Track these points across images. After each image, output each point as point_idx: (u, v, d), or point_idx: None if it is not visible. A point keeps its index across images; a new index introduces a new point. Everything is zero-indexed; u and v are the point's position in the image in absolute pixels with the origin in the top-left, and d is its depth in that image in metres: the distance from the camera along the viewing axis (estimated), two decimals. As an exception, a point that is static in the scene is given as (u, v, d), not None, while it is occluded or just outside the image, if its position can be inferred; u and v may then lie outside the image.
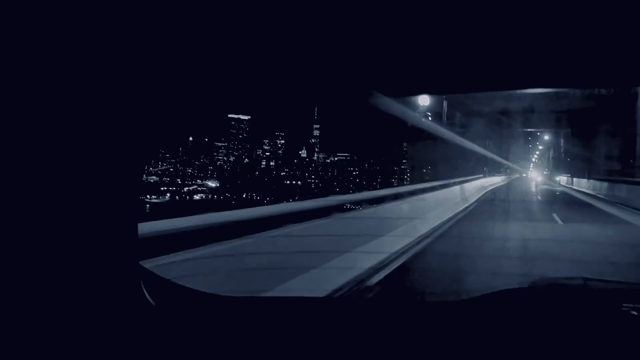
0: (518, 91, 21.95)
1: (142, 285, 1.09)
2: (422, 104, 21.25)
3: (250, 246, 4.43)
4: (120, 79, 1.03)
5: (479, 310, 1.33)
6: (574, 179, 26.68)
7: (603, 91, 20.45)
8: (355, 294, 5.22)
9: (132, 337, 1.03)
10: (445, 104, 23.13)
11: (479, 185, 20.52)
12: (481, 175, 23.31)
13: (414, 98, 18.53)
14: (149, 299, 1.09)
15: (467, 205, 14.53)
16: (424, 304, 1.72)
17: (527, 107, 23.41)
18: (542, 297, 1.42)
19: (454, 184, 14.96)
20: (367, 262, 6.07)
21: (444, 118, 23.37)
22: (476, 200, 16.51)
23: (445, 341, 1.13)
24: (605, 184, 18.84)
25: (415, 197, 9.63)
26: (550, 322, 1.21)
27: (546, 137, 39.93)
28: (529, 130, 34.70)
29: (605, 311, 1.29)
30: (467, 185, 17.09)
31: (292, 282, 4.75)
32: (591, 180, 21.40)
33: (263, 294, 3.89)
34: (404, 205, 8.70)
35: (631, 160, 18.44)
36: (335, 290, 5.43)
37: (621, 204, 14.30)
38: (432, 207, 10.67)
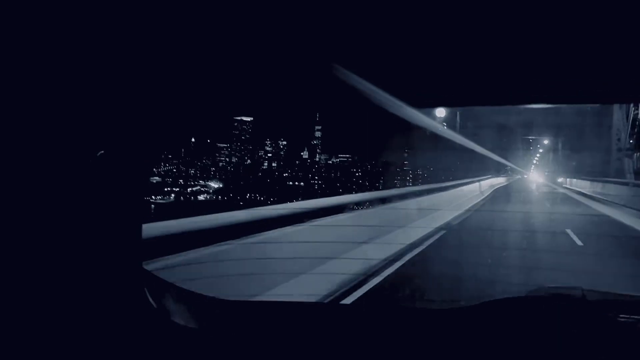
0: (522, 106, 27.92)
1: (145, 288, 1.13)
2: (439, 115, 26.83)
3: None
4: (124, 81, 1.07)
5: (476, 319, 1.38)
6: (567, 179, 33.35)
7: (589, 109, 26.69)
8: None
9: (134, 338, 1.07)
10: (458, 115, 28.92)
11: (490, 183, 26.69)
12: (491, 175, 29.37)
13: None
14: (151, 301, 1.13)
15: (484, 196, 20.86)
16: (421, 311, 1.81)
17: (528, 120, 29.57)
18: (539, 306, 1.46)
19: (474, 181, 21.15)
20: (438, 222, 11.67)
21: (458, 127, 29.13)
22: (490, 193, 23.09)
23: (441, 349, 1.17)
24: (587, 182, 25.02)
25: (448, 191, 15.50)
26: (547, 332, 1.27)
27: (546, 142, 45.95)
28: (530, 138, 41.05)
29: (603, 322, 1.32)
30: (482, 182, 23.41)
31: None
32: (579, 180, 27.84)
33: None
34: (444, 195, 14.56)
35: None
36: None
37: (596, 196, 20.44)
38: (462, 196, 16.65)
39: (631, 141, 22.83)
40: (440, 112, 25.86)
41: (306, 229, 5.93)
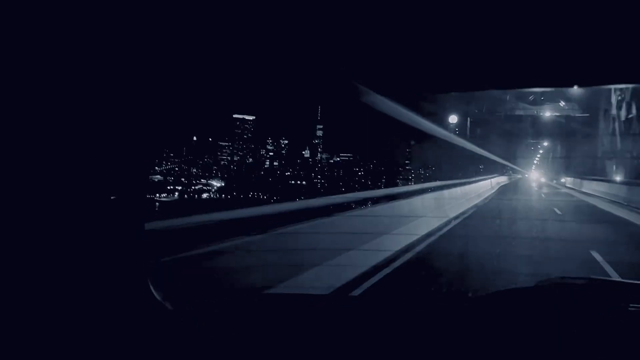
0: (524, 114, 34.49)
1: (148, 280, 1.18)
2: (451, 122, 31.62)
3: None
4: (127, 81, 1.11)
5: (485, 309, 1.43)
6: (562, 177, 40.35)
7: (579, 119, 33.34)
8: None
9: (137, 329, 1.13)
10: (469, 121, 35.25)
11: (496, 181, 33.30)
12: (497, 174, 36.01)
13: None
14: (154, 293, 1.18)
15: (494, 190, 27.54)
16: (428, 302, 1.86)
17: (530, 126, 36.15)
18: (548, 296, 1.49)
19: (485, 179, 27.61)
20: (472, 203, 17.80)
21: (468, 132, 35.33)
22: (498, 189, 30.40)
23: (449, 340, 1.21)
24: (578, 180, 31.62)
25: (466, 186, 21.59)
26: (557, 322, 1.29)
27: (545, 144, 52.74)
28: (531, 141, 47.83)
29: (613, 312, 1.35)
30: (493, 179, 30.09)
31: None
32: (572, 178, 34.66)
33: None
34: (464, 189, 20.62)
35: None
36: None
37: (584, 191, 27.01)
38: (480, 187, 22.97)
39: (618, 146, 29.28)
40: (453, 119, 31.50)
41: (407, 202, 10.75)
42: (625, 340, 1.19)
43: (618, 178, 25.26)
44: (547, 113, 32.63)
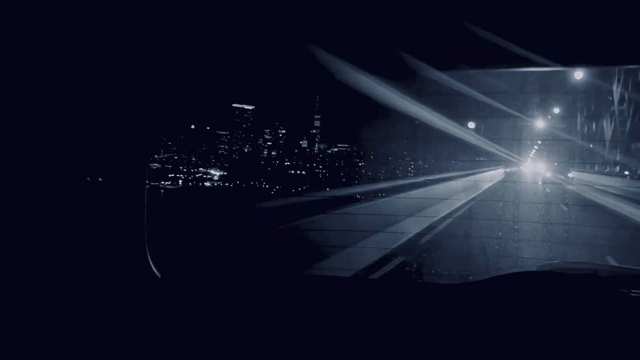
0: (523, 124, 45.53)
1: (149, 259, 1.13)
2: (470, 127, 40.58)
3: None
4: (126, 69, 1.04)
5: (487, 293, 1.47)
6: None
7: (560, 129, 45.08)
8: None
9: (136, 304, 1.08)
10: (482, 126, 44.93)
11: (503, 170, 43.25)
12: (502, 166, 46.56)
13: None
14: (155, 271, 1.13)
15: (504, 176, 37.52)
16: (433, 286, 1.87)
17: (528, 130, 48.11)
18: (549, 281, 1.55)
19: (496, 168, 37.48)
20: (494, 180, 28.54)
21: (482, 132, 44.71)
22: (505, 177, 40.10)
23: (453, 321, 1.21)
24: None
25: (482, 174, 30.91)
26: (558, 307, 1.35)
27: (539, 142, 63.70)
28: (528, 139, 59.40)
29: (615, 298, 1.41)
30: (501, 170, 40.20)
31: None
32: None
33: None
34: (477, 176, 29.64)
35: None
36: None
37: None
38: (489, 176, 32.24)
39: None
40: (471, 125, 40.80)
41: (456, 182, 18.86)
42: (625, 326, 1.23)
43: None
44: (539, 123, 47.16)
